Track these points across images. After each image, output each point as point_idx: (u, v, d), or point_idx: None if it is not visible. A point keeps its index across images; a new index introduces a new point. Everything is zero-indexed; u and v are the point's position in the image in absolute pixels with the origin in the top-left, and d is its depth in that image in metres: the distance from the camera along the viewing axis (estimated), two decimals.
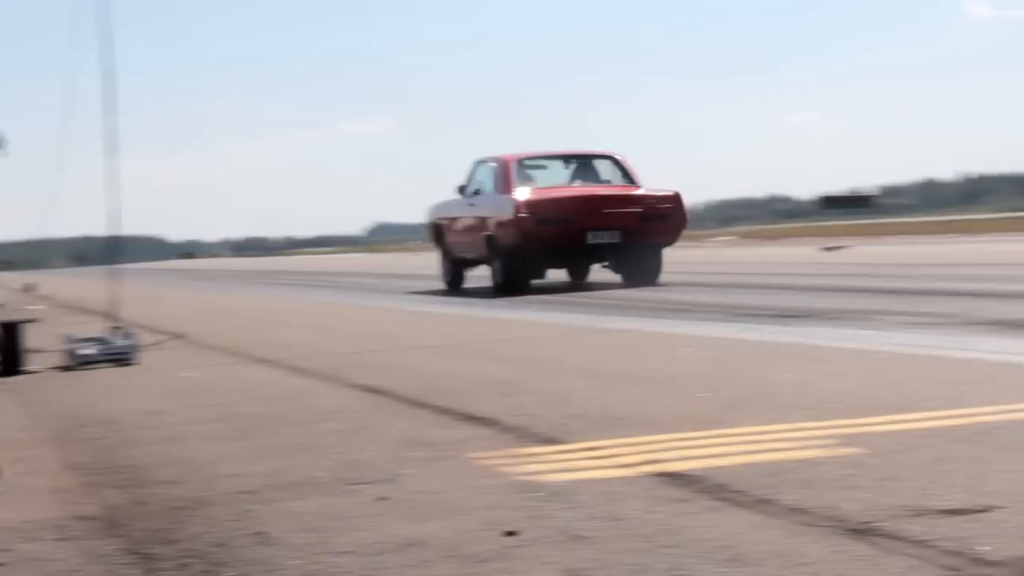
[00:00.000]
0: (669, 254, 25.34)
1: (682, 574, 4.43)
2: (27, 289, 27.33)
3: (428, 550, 4.97)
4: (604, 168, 26.15)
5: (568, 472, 6.40)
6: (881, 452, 6.35)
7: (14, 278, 49.34)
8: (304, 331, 18.28)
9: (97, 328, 16.02)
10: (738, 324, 14.42)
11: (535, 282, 25.12)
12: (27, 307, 26.51)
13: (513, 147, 33.39)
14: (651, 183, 25.26)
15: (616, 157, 25.94)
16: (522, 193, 24.38)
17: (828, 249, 42.77)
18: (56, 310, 27.97)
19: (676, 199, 24.51)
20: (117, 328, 15.08)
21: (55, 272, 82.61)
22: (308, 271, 54.19)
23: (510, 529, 5.18)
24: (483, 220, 25.25)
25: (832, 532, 4.86)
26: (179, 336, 17.24)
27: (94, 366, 13.95)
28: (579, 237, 23.94)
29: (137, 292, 26.49)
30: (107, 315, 16.28)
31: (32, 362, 14.22)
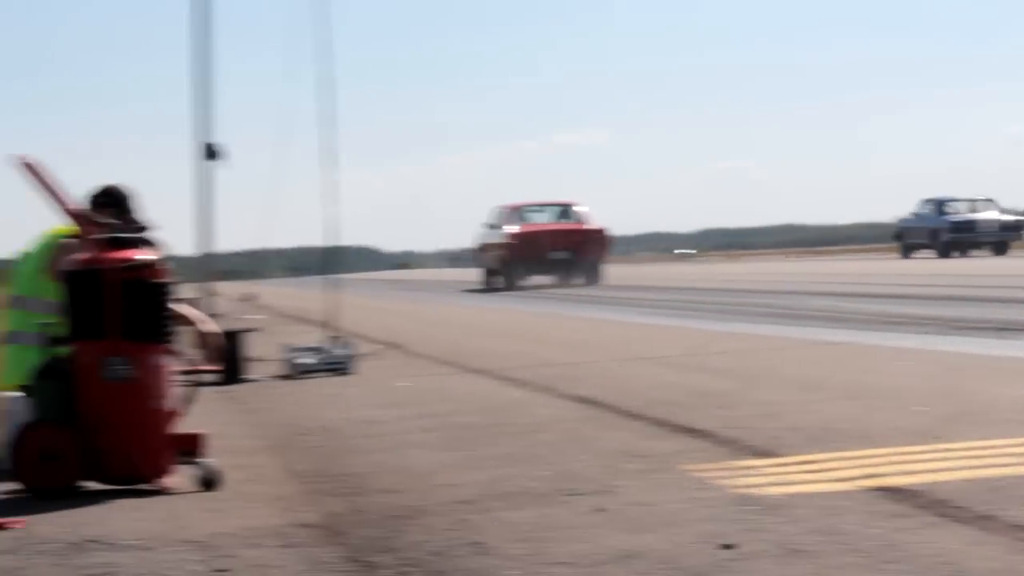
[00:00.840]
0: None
1: None
2: (247, 299, 27.92)
3: (645, 562, 4.97)
4: (573, 211, 41.84)
5: (784, 485, 6.36)
6: None
7: (235, 288, 50.38)
8: (517, 341, 18.37)
9: (315, 338, 16.30)
10: (954, 337, 14.15)
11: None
12: (247, 317, 27.08)
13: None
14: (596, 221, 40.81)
15: (575, 206, 42.02)
16: (513, 228, 40.31)
17: None
18: (275, 320, 28.52)
19: (602, 232, 40.05)
20: (335, 338, 15.32)
21: (274, 282, 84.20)
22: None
23: (727, 542, 5.16)
24: (494, 244, 41.08)
25: None
26: (395, 346, 17.45)
27: (313, 375, 14.20)
28: (544, 255, 39.53)
29: (354, 302, 26.86)
30: (325, 325, 16.56)
31: (253, 371, 14.52)
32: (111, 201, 8.57)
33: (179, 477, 7.17)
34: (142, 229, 8.62)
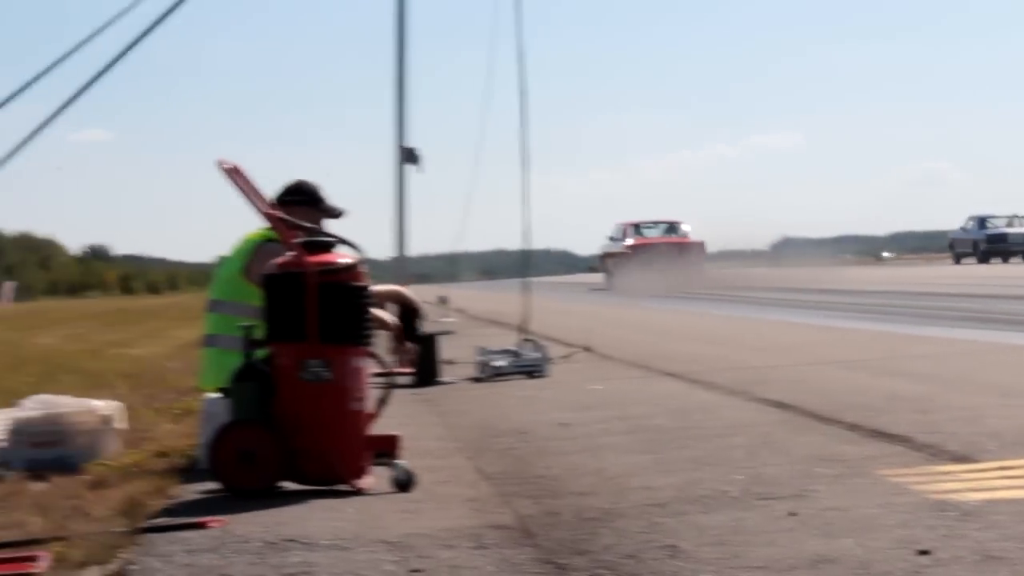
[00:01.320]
0: None
1: None
2: (441, 302, 28.19)
3: (839, 567, 4.93)
4: (680, 227, 52.91)
5: (982, 491, 6.25)
6: None
7: (429, 291, 50.88)
8: (707, 344, 18.29)
9: (509, 341, 16.40)
10: None
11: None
12: (442, 319, 27.33)
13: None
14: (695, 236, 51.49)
15: (679, 223, 53.22)
16: (630, 240, 51.11)
17: None
18: (469, 322, 28.75)
19: (701, 244, 49.60)
20: (528, 341, 15.39)
21: (467, 285, 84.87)
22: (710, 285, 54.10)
23: (923, 548, 5.09)
24: (615, 253, 51.50)
25: None
26: (587, 349, 17.47)
27: (506, 378, 14.28)
28: (651, 262, 46.87)
29: (546, 305, 26.99)
30: (518, 328, 16.64)
31: (447, 373, 14.66)
32: (302, 198, 8.72)
33: (374, 478, 7.27)
34: (339, 215, 8.77)
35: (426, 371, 14.03)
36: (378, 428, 7.43)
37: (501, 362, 14.54)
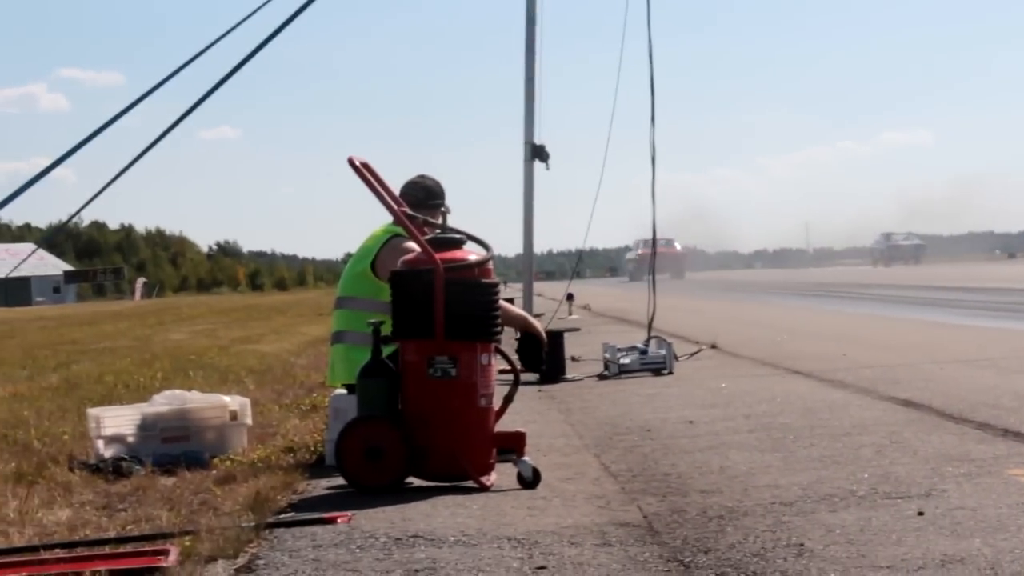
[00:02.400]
0: None
1: None
2: (568, 299, 28.22)
3: (967, 567, 4.87)
4: (673, 242, 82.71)
5: None
6: None
7: (555, 288, 50.93)
8: (834, 342, 18.13)
9: (634, 338, 16.37)
10: None
11: None
12: (568, 317, 27.34)
13: None
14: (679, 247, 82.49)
15: (673, 239, 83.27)
16: (640, 251, 78.03)
17: None
18: (594, 319, 28.73)
19: (685, 252, 64.33)
20: (653, 338, 15.36)
21: (593, 282, 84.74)
22: (837, 283, 53.70)
23: None
24: (632, 259, 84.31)
25: None
26: (713, 346, 17.40)
27: (632, 375, 14.27)
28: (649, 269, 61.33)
29: (672, 303, 26.89)
30: (645, 325, 16.60)
31: (573, 370, 14.66)
32: (423, 194, 8.76)
33: (500, 475, 7.29)
34: (446, 211, 8.78)
35: (553, 368, 14.05)
36: (504, 425, 7.44)
37: (627, 359, 14.53)
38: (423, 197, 8.67)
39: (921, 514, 5.86)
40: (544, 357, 8.90)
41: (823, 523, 5.79)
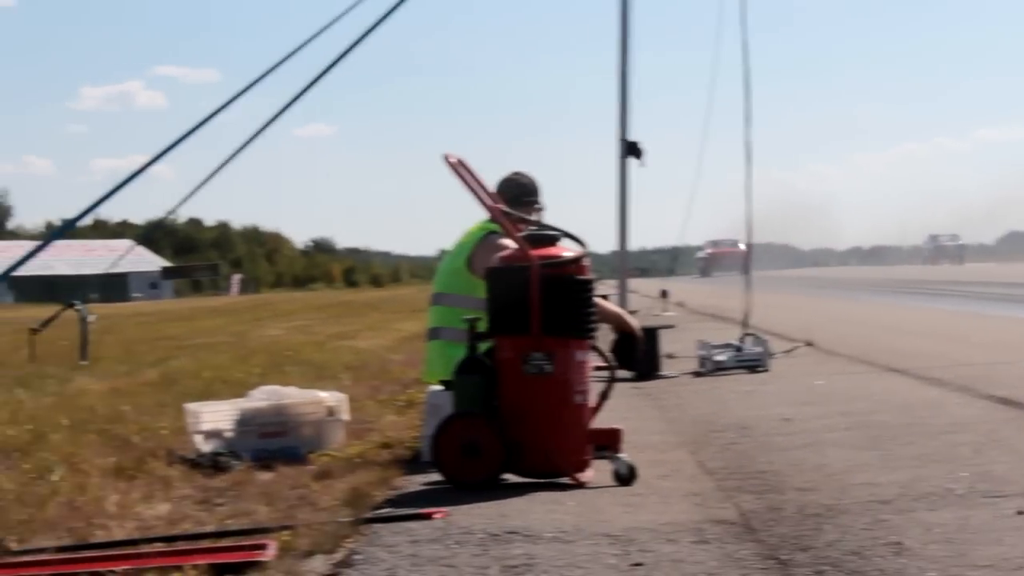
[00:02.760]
0: None
1: None
2: (662, 296, 28.19)
3: None
4: (737, 242, 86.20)
5: None
6: None
7: (650, 284, 50.85)
8: (932, 339, 17.98)
9: (730, 335, 16.31)
10: None
11: None
12: (662, 313, 27.28)
13: None
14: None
15: (736, 240, 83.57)
16: (710, 251, 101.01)
17: None
18: (689, 316, 28.65)
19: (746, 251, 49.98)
20: (749, 335, 15.29)
21: (687, 279, 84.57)
22: (933, 280, 53.21)
23: None
24: (702, 257, 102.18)
25: None
26: (809, 343, 17.30)
27: (727, 372, 14.21)
28: (719, 262, 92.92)
29: (768, 300, 26.76)
30: (740, 322, 16.53)
31: (668, 367, 14.63)
32: (521, 191, 8.77)
33: (596, 472, 7.29)
34: (541, 208, 8.77)
35: (647, 365, 14.03)
36: (600, 421, 7.44)
37: (722, 356, 14.48)
38: (518, 194, 8.68)
39: (1021, 513, 5.80)
40: (639, 355, 8.88)
41: (921, 522, 5.74)
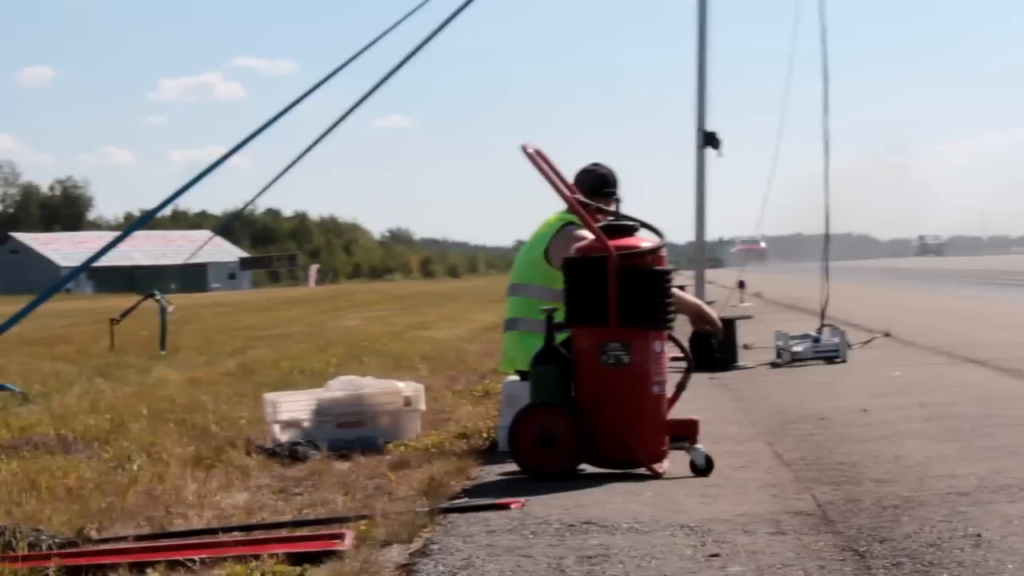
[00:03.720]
0: None
1: None
2: (739, 287, 28.09)
3: None
4: (759, 240, 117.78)
5: None
6: None
7: (726, 275, 50.66)
8: (1012, 331, 17.82)
9: (807, 326, 16.22)
10: None
11: None
12: (740, 304, 27.19)
13: None
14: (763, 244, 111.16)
15: (759, 238, 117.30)
16: (740, 247, 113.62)
17: None
18: (767, 307, 28.52)
19: (764, 248, 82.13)
20: (826, 326, 15.22)
21: (765, 269, 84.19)
22: (1016, 271, 52.64)
23: None
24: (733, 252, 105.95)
25: None
26: (886, 335, 17.19)
27: (804, 363, 14.15)
28: (747, 257, 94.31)
29: (845, 291, 26.59)
30: (818, 313, 16.45)
31: (745, 358, 14.58)
32: (600, 182, 8.75)
33: (672, 462, 7.28)
34: (619, 199, 8.76)
35: (725, 356, 13.99)
36: (676, 412, 7.43)
37: (799, 347, 14.42)
38: (597, 185, 8.67)
39: None
40: (717, 353, 8.85)
41: (1001, 514, 5.70)
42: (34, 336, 25.91)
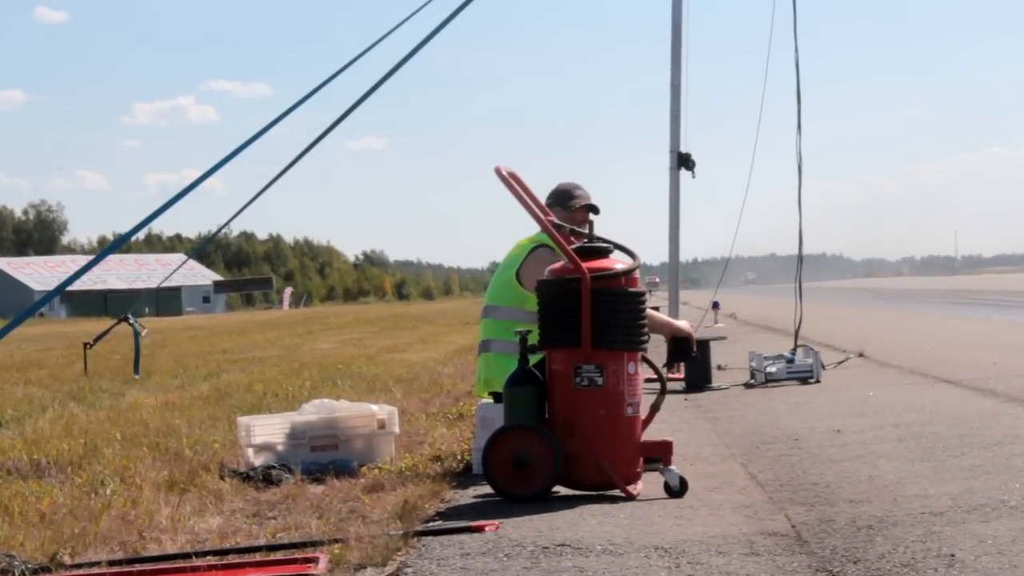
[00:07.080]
0: None
1: None
2: (713, 308, 28.17)
3: None
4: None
5: None
6: None
7: (700, 296, 50.74)
8: (985, 350, 17.87)
9: (781, 346, 16.25)
10: None
11: None
12: (714, 325, 27.21)
13: None
14: None
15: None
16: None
17: None
18: (741, 327, 28.56)
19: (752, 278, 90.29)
20: (800, 347, 15.25)
21: (738, 290, 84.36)
22: (990, 291, 52.87)
23: None
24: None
25: None
26: (861, 355, 17.23)
27: (778, 383, 14.17)
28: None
29: (818, 311, 26.65)
30: (792, 334, 16.48)
31: (719, 379, 14.60)
32: (562, 196, 8.76)
33: (646, 484, 7.28)
34: (596, 211, 8.77)
35: (698, 377, 14.01)
36: (651, 434, 7.43)
37: (773, 368, 14.45)
38: (563, 200, 8.68)
39: None
40: (695, 351, 8.86)
41: (974, 533, 5.71)
42: (7, 361, 25.82)
